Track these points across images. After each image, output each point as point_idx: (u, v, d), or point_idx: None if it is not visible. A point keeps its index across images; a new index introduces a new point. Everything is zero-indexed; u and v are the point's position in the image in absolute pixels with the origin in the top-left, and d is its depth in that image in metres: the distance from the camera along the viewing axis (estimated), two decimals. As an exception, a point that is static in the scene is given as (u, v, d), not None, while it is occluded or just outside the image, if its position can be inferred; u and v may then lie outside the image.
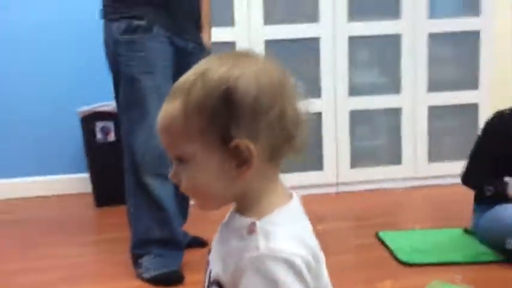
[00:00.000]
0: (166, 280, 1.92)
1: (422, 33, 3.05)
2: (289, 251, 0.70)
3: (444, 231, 2.35)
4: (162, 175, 1.95)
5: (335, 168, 3.06)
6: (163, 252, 2.00)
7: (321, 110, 2.99)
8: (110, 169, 2.92)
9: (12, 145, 3.26)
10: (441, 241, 2.23)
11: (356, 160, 3.09)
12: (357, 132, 3.10)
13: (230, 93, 0.70)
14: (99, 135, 2.99)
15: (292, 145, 0.75)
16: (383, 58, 3.13)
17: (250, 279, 0.70)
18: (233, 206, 0.80)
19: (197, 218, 2.38)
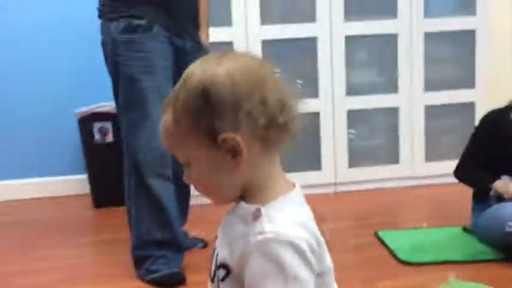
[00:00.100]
0: (168, 281, 1.92)
1: (418, 32, 3.06)
2: (293, 235, 0.73)
3: (443, 230, 2.36)
4: (164, 176, 1.96)
5: (333, 168, 3.07)
6: (164, 253, 1.98)
7: (319, 110, 3.00)
8: (108, 170, 2.92)
9: (9, 146, 3.24)
10: (440, 240, 2.24)
11: (354, 160, 3.10)
12: (355, 131, 3.10)
13: (207, 92, 0.75)
14: (97, 136, 2.98)
15: (282, 130, 0.77)
16: (380, 57, 3.14)
17: (256, 262, 0.72)
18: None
19: (197, 219, 2.39)
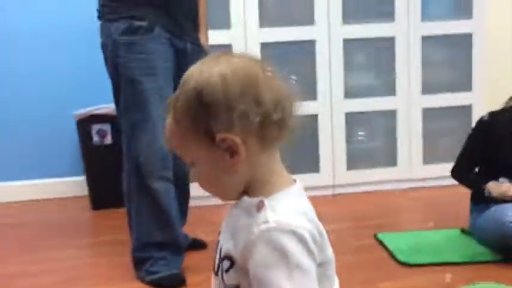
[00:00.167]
0: (167, 283, 1.92)
1: (415, 36, 3.07)
2: (295, 224, 0.76)
3: (441, 232, 2.37)
4: (165, 177, 1.96)
5: (331, 170, 3.08)
6: (164, 255, 1.98)
7: (317, 112, 3.01)
8: (107, 172, 2.92)
9: (8, 148, 3.24)
10: (439, 242, 2.25)
11: (352, 162, 3.11)
12: (353, 134, 3.11)
13: (201, 94, 0.77)
14: (95, 138, 2.98)
15: (280, 127, 0.80)
16: (378, 60, 3.15)
17: (260, 251, 0.74)
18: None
19: (196, 220, 2.39)
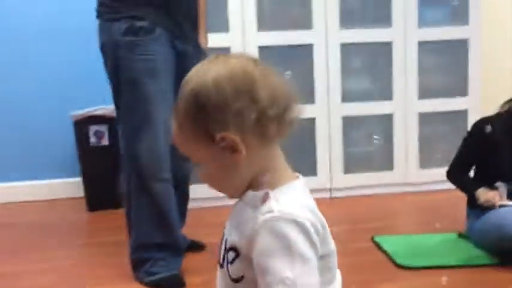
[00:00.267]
0: (167, 284, 1.91)
1: (412, 41, 3.09)
2: (298, 214, 0.78)
3: (438, 235, 2.38)
4: (165, 179, 1.95)
5: (328, 173, 3.09)
6: (164, 256, 1.97)
7: (315, 116, 3.02)
8: (103, 173, 2.91)
9: (4, 149, 3.22)
10: (436, 245, 2.26)
11: (349, 166, 3.12)
12: (350, 138, 3.12)
13: (197, 96, 0.80)
14: (92, 139, 2.97)
15: (278, 124, 0.81)
16: (374, 65, 3.17)
17: (263, 240, 0.77)
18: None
19: (195, 222, 2.39)
